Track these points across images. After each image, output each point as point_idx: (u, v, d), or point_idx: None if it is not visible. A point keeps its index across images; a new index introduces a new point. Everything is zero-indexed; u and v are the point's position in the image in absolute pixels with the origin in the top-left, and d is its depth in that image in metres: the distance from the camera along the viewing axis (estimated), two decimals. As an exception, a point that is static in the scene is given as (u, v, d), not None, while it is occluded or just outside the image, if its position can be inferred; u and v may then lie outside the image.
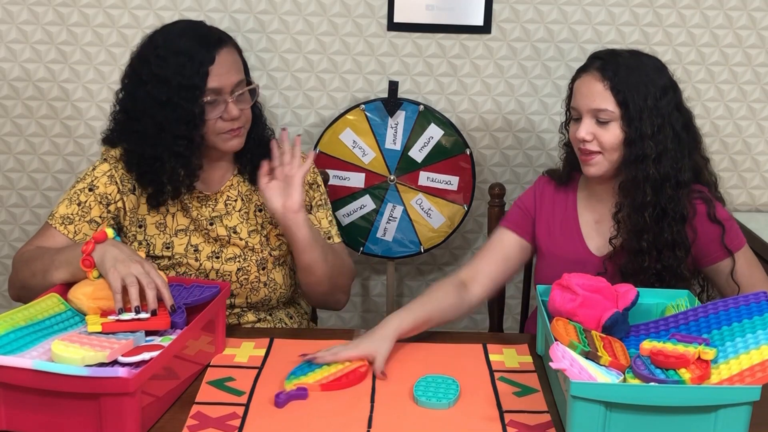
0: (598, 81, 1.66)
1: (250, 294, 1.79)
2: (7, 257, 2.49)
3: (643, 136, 1.64)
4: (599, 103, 1.65)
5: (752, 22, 2.36)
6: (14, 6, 2.31)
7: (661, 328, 1.51)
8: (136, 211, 1.74)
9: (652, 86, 1.65)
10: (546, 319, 1.49)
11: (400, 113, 2.30)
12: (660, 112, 1.65)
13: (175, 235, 1.75)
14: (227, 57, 1.68)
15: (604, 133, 1.66)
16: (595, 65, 1.69)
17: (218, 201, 1.78)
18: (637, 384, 1.30)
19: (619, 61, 1.68)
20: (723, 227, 1.70)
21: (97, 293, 1.46)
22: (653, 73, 1.68)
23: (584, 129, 1.67)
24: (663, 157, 1.65)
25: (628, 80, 1.64)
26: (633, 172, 1.66)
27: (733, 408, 1.24)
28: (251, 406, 1.39)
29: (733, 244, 1.72)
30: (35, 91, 2.37)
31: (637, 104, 1.63)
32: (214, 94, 1.66)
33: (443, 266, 2.57)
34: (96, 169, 1.73)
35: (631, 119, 1.64)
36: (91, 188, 1.71)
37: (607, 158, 1.68)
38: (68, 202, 1.71)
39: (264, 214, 1.81)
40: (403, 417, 1.36)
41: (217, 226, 1.77)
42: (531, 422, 1.36)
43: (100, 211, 1.71)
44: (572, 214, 1.81)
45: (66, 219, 1.69)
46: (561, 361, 1.30)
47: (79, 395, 1.22)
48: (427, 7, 2.34)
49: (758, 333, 1.36)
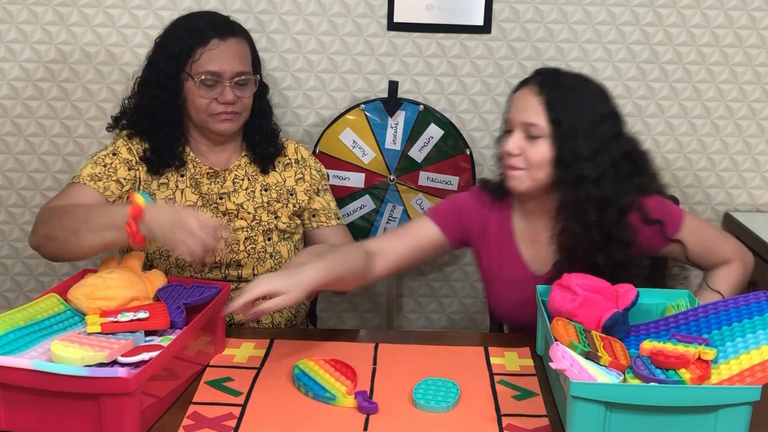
0: (534, 95, 1.63)
1: (257, 264, 1.87)
2: (7, 257, 2.49)
3: (579, 158, 1.60)
4: (531, 117, 1.62)
5: (752, 21, 2.36)
6: (14, 6, 2.31)
7: (661, 328, 1.51)
8: (149, 184, 1.84)
9: (589, 110, 1.62)
10: (546, 319, 1.49)
11: (400, 113, 2.30)
12: (597, 136, 1.61)
13: None
14: (234, 46, 1.82)
15: (531, 149, 1.62)
16: (535, 80, 1.66)
17: (226, 179, 1.88)
18: (638, 384, 1.30)
19: (560, 80, 1.66)
20: (660, 222, 1.67)
21: (96, 293, 1.46)
22: (594, 98, 1.65)
23: (513, 142, 1.64)
24: (603, 180, 1.61)
25: (564, 99, 1.61)
26: (573, 193, 1.61)
27: (734, 408, 1.24)
28: (248, 406, 1.39)
29: (675, 227, 1.69)
30: (35, 91, 2.36)
31: (571, 124, 1.60)
32: (214, 77, 1.79)
33: (443, 266, 2.57)
34: (115, 142, 1.86)
35: (564, 139, 1.60)
36: (115, 153, 1.83)
37: (530, 175, 1.63)
38: (93, 165, 1.80)
39: (269, 193, 1.91)
40: (401, 420, 1.36)
41: (226, 201, 1.86)
42: (529, 426, 1.35)
43: (125, 173, 1.81)
44: (508, 233, 1.76)
45: (94, 177, 1.78)
46: (561, 361, 1.30)
47: (79, 395, 1.22)
48: (427, 7, 2.34)
49: (758, 333, 1.36)
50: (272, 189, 1.92)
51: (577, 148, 1.60)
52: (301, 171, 1.97)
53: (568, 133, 1.60)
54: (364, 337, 1.77)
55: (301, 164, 1.98)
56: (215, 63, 1.79)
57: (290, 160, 1.98)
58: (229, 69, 1.80)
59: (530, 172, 1.63)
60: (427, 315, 2.64)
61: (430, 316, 2.64)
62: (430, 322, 2.64)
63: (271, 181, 1.93)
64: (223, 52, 1.80)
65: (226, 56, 1.80)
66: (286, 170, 1.96)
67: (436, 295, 2.61)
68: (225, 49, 1.80)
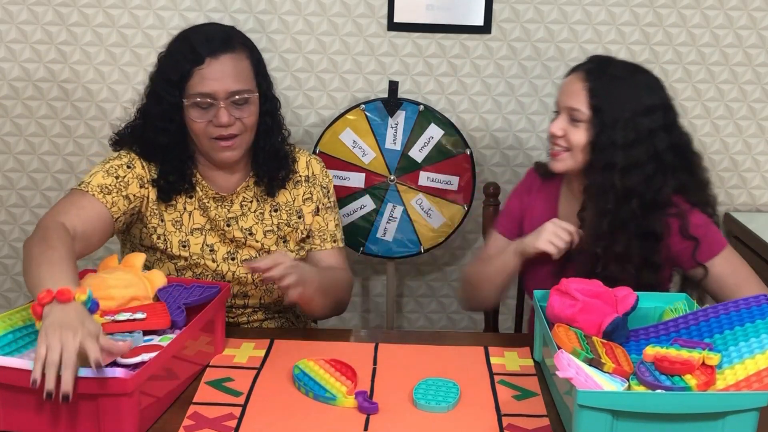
0: (580, 81, 1.70)
1: (264, 295, 1.81)
2: (7, 257, 2.49)
3: (613, 146, 1.65)
4: (574, 102, 1.69)
5: (752, 22, 2.36)
6: (14, 6, 2.31)
7: (660, 332, 1.49)
8: (158, 204, 1.74)
9: (633, 101, 1.65)
10: (545, 325, 1.48)
11: (400, 113, 2.30)
12: (636, 127, 1.65)
13: (191, 234, 1.74)
14: (227, 63, 1.66)
15: (573, 132, 1.70)
16: (584, 66, 1.73)
17: (234, 202, 1.78)
18: (645, 392, 1.28)
19: (608, 68, 1.70)
20: (696, 241, 1.69)
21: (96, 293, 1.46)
22: (641, 89, 1.68)
23: (557, 124, 1.72)
24: (632, 171, 1.65)
25: (608, 88, 1.67)
26: (598, 178, 1.68)
27: (741, 414, 1.23)
28: (248, 406, 1.39)
29: (710, 251, 1.70)
30: (35, 91, 2.37)
31: (611, 113, 1.65)
32: (206, 98, 1.65)
33: (443, 266, 2.57)
34: (130, 154, 1.73)
35: (602, 125, 1.65)
36: (130, 166, 1.70)
37: (572, 156, 1.71)
38: (105, 174, 1.67)
39: (279, 215, 1.80)
40: (401, 420, 1.36)
41: (234, 228, 1.76)
42: (529, 426, 1.35)
43: (137, 190, 1.70)
44: (552, 210, 1.85)
45: (104, 189, 1.65)
46: (567, 369, 1.27)
47: (78, 396, 1.22)
48: (427, 7, 2.34)
49: (762, 337, 1.34)
50: (282, 210, 1.80)
51: (612, 136, 1.65)
52: (310, 190, 1.84)
53: (606, 120, 1.66)
54: (364, 337, 1.77)
55: (311, 182, 1.85)
56: (206, 83, 1.64)
57: (300, 177, 1.84)
58: (222, 89, 1.64)
59: (572, 153, 1.71)
60: (427, 315, 2.64)
61: (430, 316, 2.64)
62: (430, 322, 2.64)
63: (281, 200, 1.81)
64: (215, 71, 1.64)
65: (218, 75, 1.64)
66: (296, 188, 1.83)
67: (436, 295, 2.61)
68: (217, 68, 1.65)
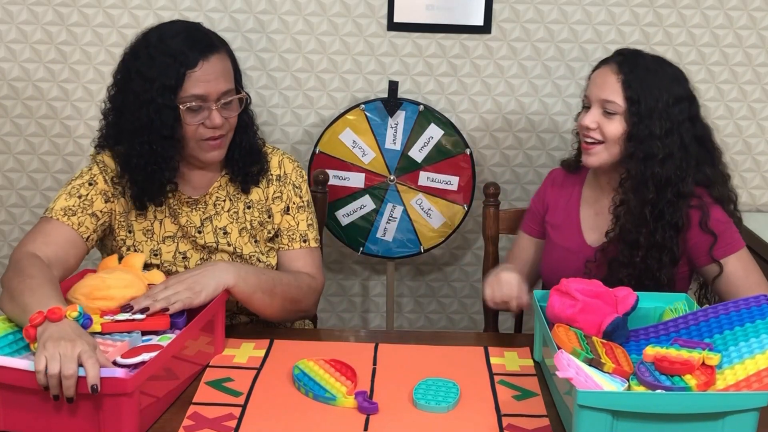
0: (612, 73, 1.71)
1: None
2: (6, 257, 2.49)
3: (651, 136, 1.68)
4: (608, 94, 1.70)
5: (752, 22, 2.36)
6: (14, 6, 2.31)
7: (660, 332, 1.49)
8: (126, 216, 1.71)
9: (665, 91, 1.69)
10: (545, 325, 1.48)
11: (400, 113, 2.30)
12: (670, 117, 1.68)
13: (162, 242, 1.72)
14: (216, 64, 1.63)
15: (607, 125, 1.71)
16: (615, 59, 1.74)
17: (207, 203, 1.75)
18: (645, 392, 1.28)
19: (639, 61, 1.73)
20: (715, 236, 1.70)
21: (95, 293, 1.46)
22: (671, 80, 1.71)
23: (590, 117, 1.73)
24: (668, 160, 1.68)
25: (642, 79, 1.69)
26: (640, 169, 1.69)
27: (741, 414, 1.23)
28: (248, 407, 1.39)
29: (726, 249, 1.71)
30: (35, 91, 2.37)
31: (646, 104, 1.68)
32: (199, 101, 1.62)
33: (443, 266, 2.57)
34: (92, 169, 1.70)
35: (640, 116, 1.68)
36: (91, 183, 1.68)
37: (607, 149, 1.72)
38: (67, 196, 1.65)
39: (252, 212, 1.78)
40: (401, 420, 1.36)
41: (205, 233, 1.73)
42: (529, 426, 1.35)
43: (102, 205, 1.67)
44: (575, 204, 1.86)
45: (68, 211, 1.63)
46: (567, 369, 1.27)
47: (78, 396, 1.22)
48: (427, 7, 2.34)
49: (762, 337, 1.34)
50: (255, 207, 1.77)
51: (650, 126, 1.68)
52: (281, 189, 1.80)
53: (643, 111, 1.68)
54: (364, 337, 1.77)
55: (283, 180, 1.80)
56: (200, 86, 1.60)
57: (272, 176, 1.80)
58: (215, 90, 1.62)
59: (606, 146, 1.72)
60: (427, 315, 2.64)
61: (430, 316, 2.64)
62: (430, 322, 2.64)
63: (254, 198, 1.78)
64: (207, 73, 1.61)
65: (210, 77, 1.61)
66: (269, 186, 1.80)
67: (435, 295, 2.61)
68: (209, 70, 1.61)
